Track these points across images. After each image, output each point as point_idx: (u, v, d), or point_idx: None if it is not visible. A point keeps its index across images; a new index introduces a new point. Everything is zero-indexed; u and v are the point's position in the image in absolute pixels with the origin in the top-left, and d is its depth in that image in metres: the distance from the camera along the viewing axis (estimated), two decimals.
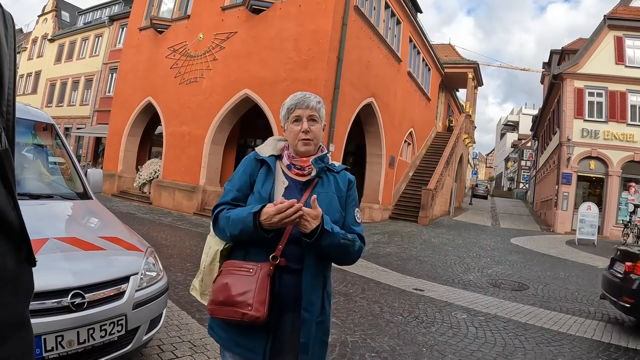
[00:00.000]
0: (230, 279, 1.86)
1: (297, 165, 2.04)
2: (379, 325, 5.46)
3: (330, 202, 2.02)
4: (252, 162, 2.06)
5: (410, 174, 24.28)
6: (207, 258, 2.03)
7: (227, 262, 1.95)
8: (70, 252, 2.95)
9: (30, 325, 1.01)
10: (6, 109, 0.96)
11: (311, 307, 1.93)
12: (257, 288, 1.81)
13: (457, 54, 34.99)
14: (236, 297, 1.80)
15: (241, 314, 1.79)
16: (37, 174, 4.09)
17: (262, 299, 1.80)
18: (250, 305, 1.78)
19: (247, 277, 1.84)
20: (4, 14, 0.96)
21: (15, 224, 0.94)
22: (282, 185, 2.00)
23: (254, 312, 1.78)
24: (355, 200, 2.15)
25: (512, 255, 12.83)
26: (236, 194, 2.00)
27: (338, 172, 2.14)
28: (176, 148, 17.39)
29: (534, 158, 46.21)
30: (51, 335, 2.52)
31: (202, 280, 2.04)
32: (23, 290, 0.99)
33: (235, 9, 16.39)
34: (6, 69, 0.94)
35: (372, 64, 17.22)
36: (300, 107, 2.03)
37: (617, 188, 22.09)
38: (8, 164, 0.93)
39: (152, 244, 4.21)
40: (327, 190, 2.05)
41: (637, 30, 22.51)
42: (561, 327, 5.96)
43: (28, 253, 0.99)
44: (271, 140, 2.16)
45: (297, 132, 2.01)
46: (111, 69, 31.44)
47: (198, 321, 4.82)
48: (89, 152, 33.40)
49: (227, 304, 1.82)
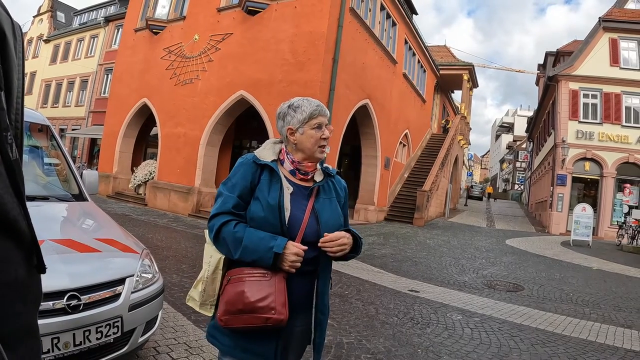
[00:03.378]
0: (245, 287, 1.82)
1: (302, 171, 2.03)
2: (375, 326, 5.46)
3: (335, 207, 2.06)
4: (252, 167, 1.99)
5: (406, 176, 24.31)
6: (210, 267, 1.96)
7: (234, 270, 1.89)
8: (66, 254, 2.95)
9: (38, 332, 1.01)
10: (15, 117, 0.96)
11: (325, 309, 1.99)
12: (277, 291, 1.81)
13: (452, 56, 35.06)
14: (257, 304, 1.78)
15: (264, 319, 1.78)
16: (33, 175, 4.07)
17: (283, 301, 1.81)
18: (273, 309, 1.78)
19: (264, 282, 1.82)
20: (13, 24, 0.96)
21: (27, 233, 0.94)
22: (288, 191, 1.97)
23: (278, 315, 1.78)
24: (347, 201, 2.22)
25: (507, 257, 12.85)
26: (237, 201, 1.94)
27: (333, 175, 2.17)
28: (171, 149, 17.37)
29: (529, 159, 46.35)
30: (47, 337, 2.52)
31: (205, 290, 1.96)
32: (33, 298, 0.99)
33: (231, 10, 16.39)
34: (15, 79, 0.95)
35: (367, 66, 17.25)
36: (322, 115, 2.03)
37: (611, 189, 22.21)
38: (19, 174, 0.93)
39: (147, 245, 4.21)
40: (330, 195, 2.08)
41: (632, 32, 22.67)
42: (556, 328, 5.98)
43: (38, 261, 1.00)
44: (269, 143, 2.13)
45: (318, 139, 2.00)
46: (106, 69, 31.35)
47: (194, 323, 4.81)
48: (84, 153, 33.29)
49: (246, 311, 1.80)
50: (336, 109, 14.66)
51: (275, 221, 1.88)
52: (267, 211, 1.89)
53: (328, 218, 1.99)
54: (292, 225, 1.91)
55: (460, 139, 30.93)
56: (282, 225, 1.89)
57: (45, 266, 1.02)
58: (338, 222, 2.03)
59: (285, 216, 1.90)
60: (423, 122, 27.78)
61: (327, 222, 1.97)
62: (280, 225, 1.89)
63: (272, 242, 1.82)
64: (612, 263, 12.89)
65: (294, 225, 1.91)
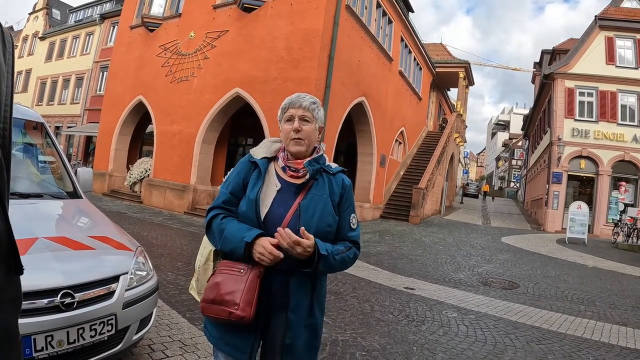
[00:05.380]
0: (221, 278, 1.87)
1: (292, 167, 2.03)
2: (370, 324, 5.46)
3: (324, 205, 2.00)
4: (246, 164, 2.06)
5: (401, 173, 24.34)
6: (202, 258, 2.06)
7: (221, 262, 1.97)
8: (59, 251, 2.94)
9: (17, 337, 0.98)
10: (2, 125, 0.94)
11: (298, 309, 1.94)
12: (246, 288, 1.82)
13: (448, 54, 35.12)
14: (225, 296, 1.82)
15: (228, 312, 1.81)
16: (27, 173, 4.06)
17: (249, 299, 1.81)
18: (237, 305, 1.80)
19: (237, 277, 1.85)
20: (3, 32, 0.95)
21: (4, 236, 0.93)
22: (275, 187, 1.98)
23: (240, 312, 1.79)
24: (351, 205, 2.12)
25: (503, 254, 12.88)
26: (228, 196, 2.02)
27: (334, 174, 2.12)
28: (167, 147, 17.31)
29: (525, 157, 46.48)
30: (41, 335, 2.51)
31: (198, 279, 2.07)
32: (10, 301, 0.96)
33: (227, 7, 16.34)
34: (3, 87, 0.93)
35: (363, 63, 17.24)
36: (293, 107, 2.03)
37: (607, 187, 22.27)
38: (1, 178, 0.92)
39: (142, 243, 4.20)
40: (321, 192, 2.03)
41: (628, 30, 22.72)
42: (551, 325, 5.99)
43: (15, 262, 0.97)
44: (266, 141, 2.15)
45: (288, 132, 2.01)
46: (102, 67, 31.29)
47: (188, 320, 4.80)
48: (79, 151, 33.22)
49: (216, 302, 1.84)
50: (332, 106, 14.65)
51: (252, 216, 1.93)
52: (247, 206, 1.94)
53: (311, 217, 1.95)
54: (271, 221, 1.91)
55: (456, 137, 30.97)
56: (258, 220, 1.92)
57: (23, 267, 0.99)
58: (324, 222, 1.97)
59: (261, 211, 1.92)
60: (419, 119, 27.80)
61: (309, 221, 1.93)
62: (256, 220, 1.92)
63: (245, 233, 1.85)
64: (607, 261, 12.93)
65: (272, 221, 1.91)
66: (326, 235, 1.98)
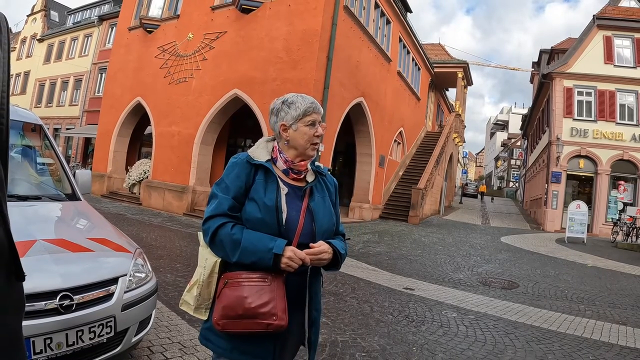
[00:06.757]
0: (245, 291, 1.79)
1: (295, 170, 2.01)
2: (369, 324, 5.46)
3: (328, 206, 2.06)
4: (246, 167, 1.95)
5: (400, 173, 24.34)
6: (205, 271, 1.90)
7: (230, 274, 1.85)
8: (58, 253, 2.93)
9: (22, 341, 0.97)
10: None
11: (319, 305, 2.03)
12: (277, 297, 1.80)
13: (446, 54, 35.13)
14: (259, 309, 1.76)
15: (265, 325, 1.76)
16: (25, 175, 4.05)
17: (283, 307, 1.80)
18: (275, 315, 1.76)
19: (265, 287, 1.80)
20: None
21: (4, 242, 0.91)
22: (283, 192, 1.94)
23: (279, 322, 1.77)
24: (338, 201, 2.21)
25: (502, 254, 12.88)
26: (232, 202, 1.90)
27: (325, 174, 2.16)
28: (166, 148, 17.31)
29: (524, 157, 46.49)
30: (39, 337, 2.50)
31: (200, 294, 1.91)
32: (13, 307, 0.95)
33: (225, 8, 16.34)
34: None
35: (361, 64, 17.25)
36: (316, 112, 2.01)
37: (606, 186, 22.29)
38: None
39: (141, 245, 4.20)
40: (323, 194, 2.06)
41: (626, 30, 22.75)
42: (551, 325, 5.99)
43: (17, 268, 0.95)
44: (262, 142, 2.10)
45: (311, 136, 1.98)
46: (100, 69, 31.21)
47: (188, 322, 4.79)
48: (78, 153, 33.18)
49: (247, 316, 1.77)
50: (330, 107, 14.65)
51: (273, 222, 1.86)
52: (264, 212, 1.86)
53: (322, 218, 1.98)
54: (289, 227, 1.89)
55: (455, 137, 30.98)
56: (280, 227, 1.87)
57: (25, 274, 0.98)
58: (331, 222, 2.03)
59: (283, 217, 1.88)
60: (418, 120, 27.81)
61: (321, 222, 1.97)
62: (277, 227, 1.86)
63: (271, 244, 1.80)
64: (606, 260, 12.93)
65: (290, 227, 1.89)
66: (331, 233, 2.03)
